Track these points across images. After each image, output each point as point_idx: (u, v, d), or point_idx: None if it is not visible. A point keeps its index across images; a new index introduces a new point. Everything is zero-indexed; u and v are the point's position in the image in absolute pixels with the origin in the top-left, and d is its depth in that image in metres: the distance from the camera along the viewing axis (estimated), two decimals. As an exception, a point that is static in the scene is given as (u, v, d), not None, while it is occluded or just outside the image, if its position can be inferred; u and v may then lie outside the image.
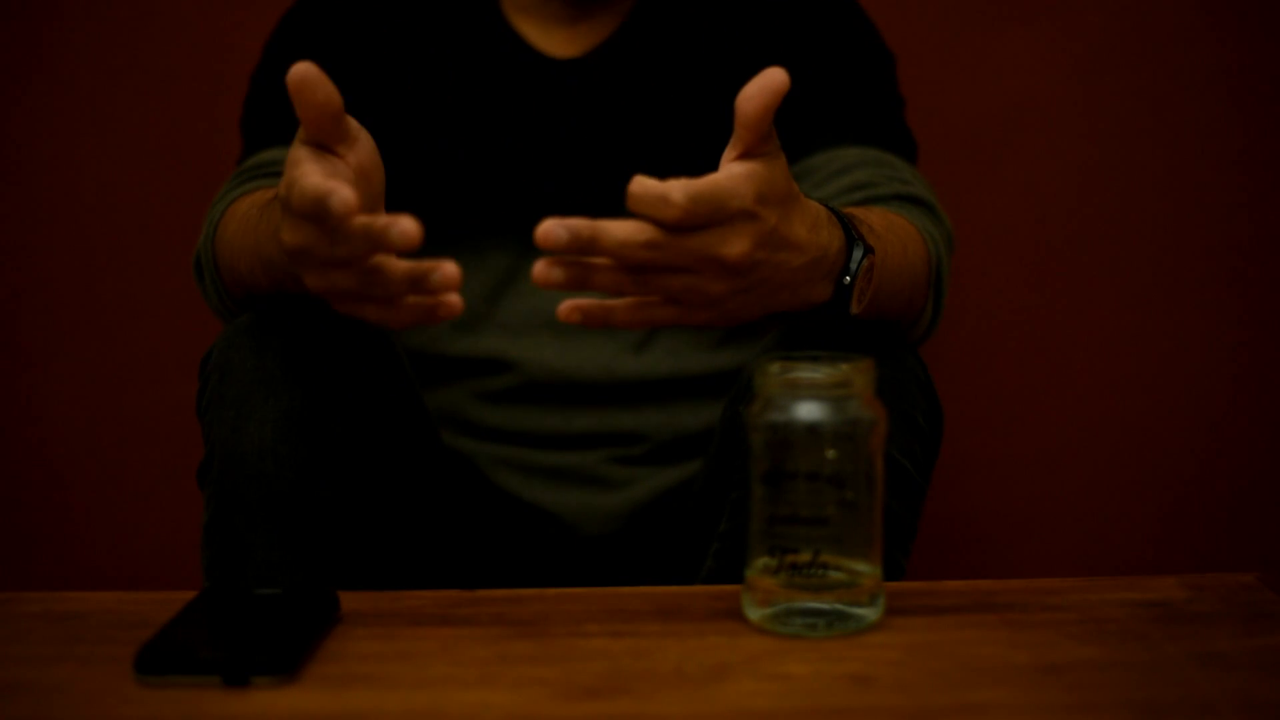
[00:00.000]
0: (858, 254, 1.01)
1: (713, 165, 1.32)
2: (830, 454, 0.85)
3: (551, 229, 0.88)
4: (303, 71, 0.92)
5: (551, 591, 0.98)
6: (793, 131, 1.31)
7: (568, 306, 0.93)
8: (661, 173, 1.14)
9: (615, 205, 0.99)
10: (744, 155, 0.93)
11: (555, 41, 1.35)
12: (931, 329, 1.23)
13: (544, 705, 0.79)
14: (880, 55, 1.37)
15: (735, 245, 0.91)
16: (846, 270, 1.00)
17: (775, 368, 0.87)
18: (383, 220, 0.87)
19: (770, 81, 0.91)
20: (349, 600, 0.94)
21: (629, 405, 1.32)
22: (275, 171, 1.26)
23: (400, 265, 0.90)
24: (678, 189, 0.88)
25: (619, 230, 0.89)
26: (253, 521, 1.08)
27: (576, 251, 0.89)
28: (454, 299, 0.90)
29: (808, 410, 0.85)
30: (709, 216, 0.90)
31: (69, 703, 0.80)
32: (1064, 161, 1.77)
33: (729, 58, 1.34)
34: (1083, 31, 1.75)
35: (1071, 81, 1.75)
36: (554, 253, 0.90)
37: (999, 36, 1.75)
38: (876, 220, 1.09)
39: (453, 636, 0.89)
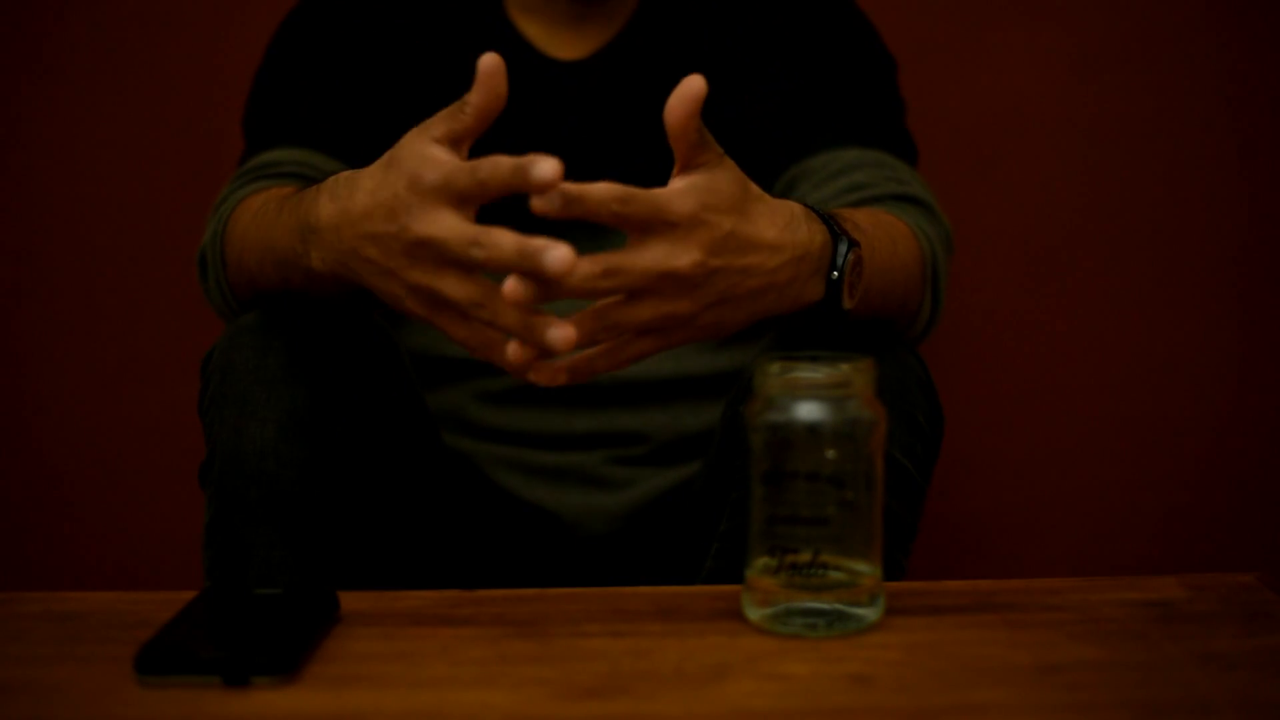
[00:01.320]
0: (843, 248, 1.00)
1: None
2: (830, 454, 0.85)
3: (515, 289, 0.88)
4: (496, 62, 0.94)
5: (551, 591, 0.98)
6: (793, 133, 1.32)
7: (550, 374, 0.93)
8: (664, 173, 1.14)
9: None
10: (684, 169, 0.93)
11: (559, 43, 1.35)
12: (930, 328, 1.23)
13: (544, 705, 0.79)
14: (881, 59, 1.37)
15: (685, 256, 0.91)
16: (834, 265, 1.00)
17: (775, 368, 0.87)
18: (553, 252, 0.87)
19: (688, 89, 0.92)
20: (349, 600, 0.94)
21: (630, 406, 1.32)
22: (281, 172, 1.26)
23: (515, 311, 0.91)
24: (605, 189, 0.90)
25: (581, 267, 0.89)
26: (254, 521, 1.08)
27: (545, 299, 0.90)
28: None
29: (808, 410, 0.85)
30: (645, 218, 0.90)
31: (69, 703, 0.80)
32: (1064, 161, 1.77)
33: (732, 60, 1.34)
34: (1083, 31, 1.75)
35: (1071, 81, 1.75)
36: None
37: (999, 36, 1.75)
38: (863, 218, 1.09)
39: (453, 636, 0.89)
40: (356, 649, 0.87)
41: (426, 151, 0.93)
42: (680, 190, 0.91)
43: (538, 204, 0.89)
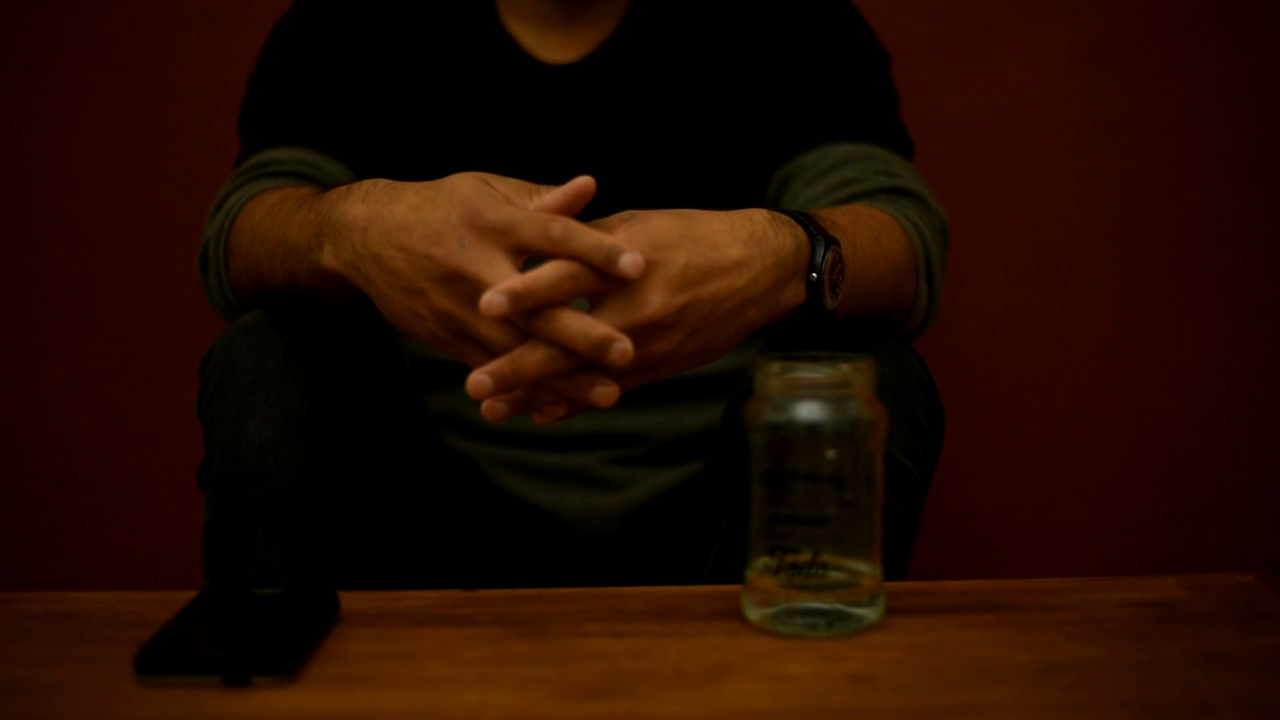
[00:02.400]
0: (820, 249, 1.00)
1: (708, 167, 1.33)
2: (830, 454, 0.85)
3: (479, 381, 0.92)
4: (589, 186, 0.95)
5: (551, 591, 0.98)
6: (785, 131, 1.32)
7: (550, 417, 0.97)
8: (659, 175, 1.15)
9: (610, 210, 0.99)
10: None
11: (551, 47, 1.35)
12: (929, 318, 1.23)
13: (544, 705, 0.79)
14: (872, 53, 1.37)
15: (650, 303, 0.93)
16: (813, 267, 1.00)
17: (775, 368, 0.87)
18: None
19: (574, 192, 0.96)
20: (349, 600, 0.94)
21: (629, 406, 1.32)
22: (282, 170, 1.26)
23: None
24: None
25: (572, 324, 0.92)
26: (252, 521, 1.08)
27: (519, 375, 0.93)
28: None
29: (808, 410, 0.85)
30: (599, 284, 0.92)
31: (69, 703, 0.80)
32: (1064, 161, 1.77)
33: (722, 60, 1.34)
34: (1083, 31, 1.75)
35: (1071, 81, 1.75)
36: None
37: (999, 36, 1.75)
38: (842, 217, 1.09)
39: (453, 636, 0.89)
40: (356, 649, 0.87)
41: (486, 189, 0.94)
42: (639, 254, 0.92)
43: (487, 307, 0.90)
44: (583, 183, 0.95)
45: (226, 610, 0.91)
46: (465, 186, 0.95)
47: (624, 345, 0.91)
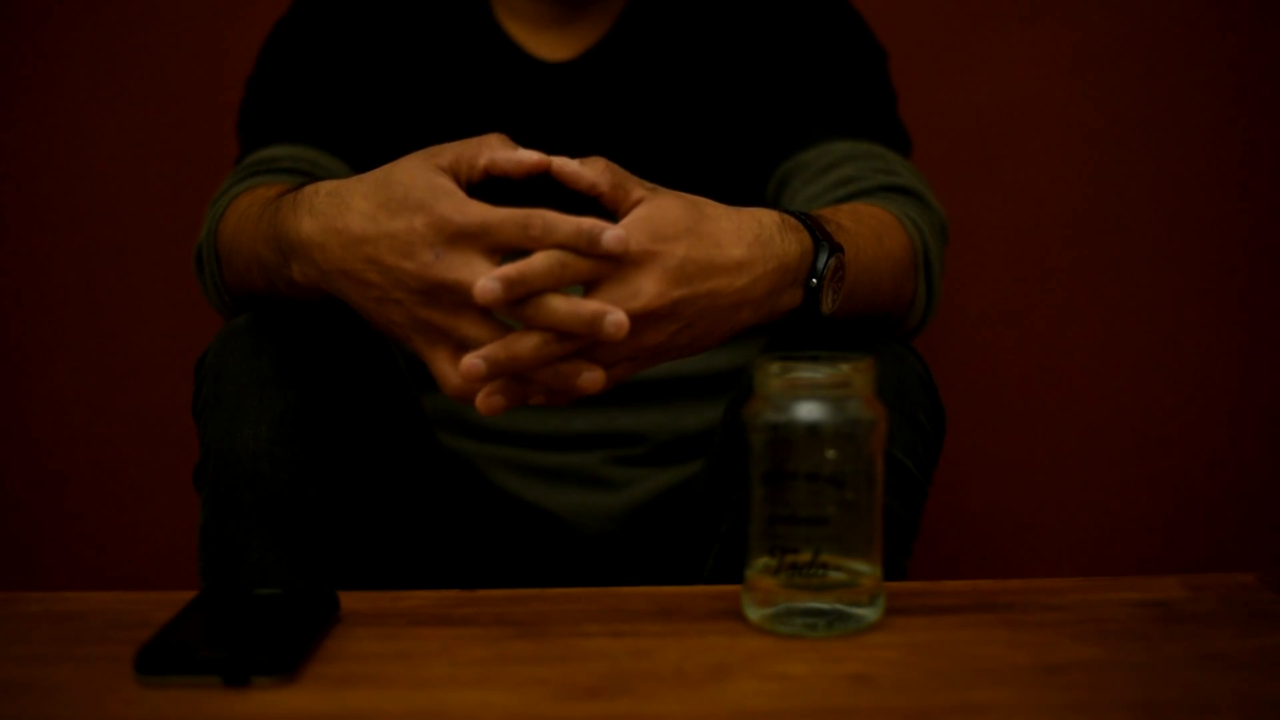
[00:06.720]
0: (823, 255, 1.00)
1: (706, 164, 1.33)
2: (830, 454, 0.85)
3: (473, 364, 0.92)
4: (541, 161, 0.97)
5: (551, 591, 0.98)
6: (784, 127, 1.32)
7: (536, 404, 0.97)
8: (656, 173, 1.15)
9: (607, 211, 0.99)
10: (622, 214, 0.95)
11: (547, 45, 1.35)
12: (927, 317, 1.23)
13: (544, 705, 0.79)
14: (869, 50, 1.37)
15: (644, 292, 0.93)
16: (813, 273, 1.00)
17: (775, 368, 0.87)
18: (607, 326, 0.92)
19: (563, 171, 0.97)
20: (349, 600, 0.94)
21: (629, 406, 1.32)
22: (279, 168, 1.26)
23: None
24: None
25: (560, 305, 0.91)
26: (248, 523, 1.07)
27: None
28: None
29: (808, 410, 0.85)
30: (594, 270, 0.92)
31: (69, 703, 0.80)
32: (1063, 161, 1.77)
33: (720, 57, 1.34)
34: (1083, 31, 1.75)
35: (1071, 81, 1.75)
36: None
37: (999, 36, 1.75)
38: (845, 217, 1.09)
39: (453, 636, 0.89)
40: (356, 649, 0.87)
41: (441, 184, 0.93)
42: (621, 229, 0.92)
43: (481, 293, 0.90)
44: (537, 160, 0.96)
45: (226, 610, 0.91)
46: (419, 187, 0.93)
47: (617, 317, 0.90)
